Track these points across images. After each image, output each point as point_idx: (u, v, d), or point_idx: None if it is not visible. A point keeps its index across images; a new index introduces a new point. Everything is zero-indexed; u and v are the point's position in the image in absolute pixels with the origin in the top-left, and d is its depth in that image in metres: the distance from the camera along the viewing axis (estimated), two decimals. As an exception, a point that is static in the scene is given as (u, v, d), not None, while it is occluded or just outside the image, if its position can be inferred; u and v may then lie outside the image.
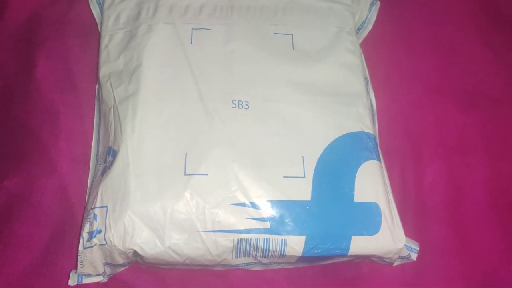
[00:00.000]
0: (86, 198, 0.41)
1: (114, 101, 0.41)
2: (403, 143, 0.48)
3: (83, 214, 0.40)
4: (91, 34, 0.50)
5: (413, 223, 0.44)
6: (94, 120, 0.45)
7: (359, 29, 0.51)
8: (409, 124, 0.49)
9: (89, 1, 0.49)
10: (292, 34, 0.45)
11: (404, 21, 0.54)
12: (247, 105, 0.40)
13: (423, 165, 0.47)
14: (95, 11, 0.49)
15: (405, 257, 0.39)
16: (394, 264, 0.40)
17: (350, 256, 0.37)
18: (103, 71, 0.43)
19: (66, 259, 0.41)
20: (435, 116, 0.49)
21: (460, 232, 0.45)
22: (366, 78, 0.46)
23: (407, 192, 0.46)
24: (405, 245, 0.38)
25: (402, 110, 0.49)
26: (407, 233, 0.39)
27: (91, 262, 0.36)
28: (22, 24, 0.51)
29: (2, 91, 0.47)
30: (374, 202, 0.38)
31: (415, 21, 0.54)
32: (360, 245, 0.37)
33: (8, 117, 0.46)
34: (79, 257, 0.37)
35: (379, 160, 0.41)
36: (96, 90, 0.46)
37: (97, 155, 0.43)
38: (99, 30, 0.47)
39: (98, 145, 0.43)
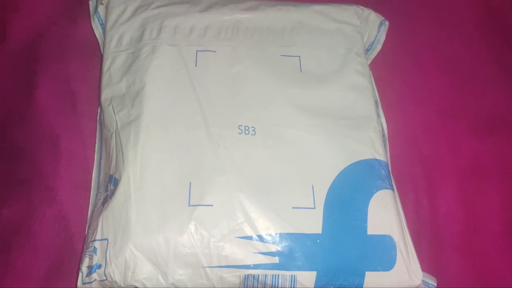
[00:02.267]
0: (86, 229, 0.39)
1: (116, 126, 0.39)
2: (415, 169, 0.46)
3: (83, 245, 0.38)
4: (93, 54, 0.49)
5: (428, 253, 0.42)
6: (96, 145, 0.44)
7: (368, 50, 0.49)
8: (421, 149, 0.47)
9: (92, 21, 0.48)
10: (299, 56, 0.43)
11: (414, 41, 0.53)
12: (253, 130, 0.39)
13: (437, 193, 0.45)
14: (98, 31, 0.48)
15: (422, 293, 0.37)
16: (410, 300, 0.38)
17: (364, 291, 0.36)
18: (105, 95, 0.42)
19: None
20: (448, 140, 0.48)
21: (476, 262, 0.43)
22: (376, 101, 0.45)
23: (421, 221, 0.44)
24: (422, 280, 0.36)
25: (414, 134, 0.48)
26: (422, 265, 0.37)
27: (90, 298, 0.35)
28: (24, 45, 0.50)
29: (3, 114, 0.46)
30: (388, 235, 0.36)
31: (425, 41, 0.53)
32: (375, 281, 0.35)
33: (6, 141, 0.45)
34: (77, 292, 0.35)
35: (392, 189, 0.39)
36: (98, 114, 0.45)
37: (98, 182, 0.42)
38: (102, 51, 0.46)
39: (99, 172, 0.42)
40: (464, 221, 0.44)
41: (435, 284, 0.38)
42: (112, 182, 0.37)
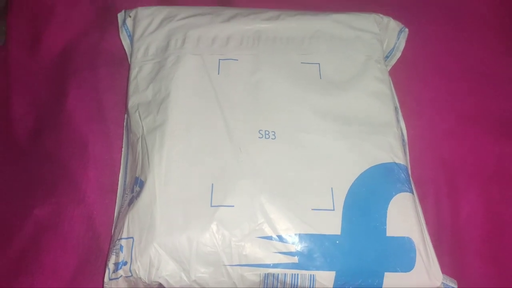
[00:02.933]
0: (113, 228, 0.41)
1: (143, 131, 0.41)
2: (436, 173, 0.46)
3: (109, 244, 0.40)
4: (121, 64, 0.51)
5: (449, 258, 0.42)
6: (122, 149, 0.45)
7: (387, 57, 0.50)
8: (442, 153, 0.47)
9: (120, 33, 0.50)
10: (319, 63, 0.44)
11: (434, 45, 0.53)
12: (273, 135, 0.40)
13: (459, 197, 0.45)
14: (125, 42, 0.50)
15: (443, 296, 0.37)
16: (431, 303, 0.38)
17: (383, 293, 0.36)
18: (132, 102, 0.43)
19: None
20: (469, 144, 0.48)
21: (500, 268, 0.43)
22: (396, 107, 0.45)
23: (442, 225, 0.44)
24: (442, 283, 0.36)
25: (435, 139, 0.48)
26: (443, 270, 0.37)
27: (116, 294, 0.36)
28: (56, 56, 0.52)
29: (35, 120, 0.49)
30: (407, 237, 0.36)
31: (445, 45, 0.53)
32: (394, 282, 0.35)
33: (39, 146, 0.47)
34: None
35: (412, 193, 0.39)
36: (125, 120, 0.47)
37: (124, 184, 0.43)
38: (129, 61, 0.48)
39: (125, 175, 0.43)
40: (487, 226, 0.44)
41: (456, 287, 0.37)
42: (138, 184, 0.39)
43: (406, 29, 0.51)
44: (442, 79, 0.51)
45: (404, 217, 0.37)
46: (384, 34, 0.50)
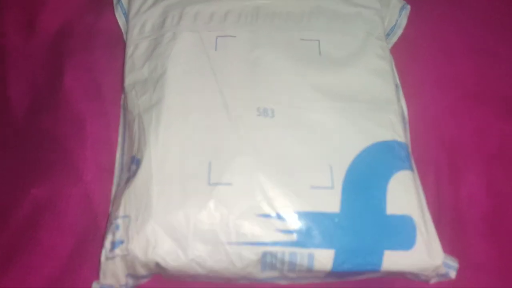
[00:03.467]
0: (110, 208, 0.40)
1: (139, 110, 0.40)
2: (437, 152, 0.45)
3: (106, 223, 0.39)
4: (117, 44, 0.50)
5: (450, 237, 0.41)
6: (119, 129, 0.45)
7: (388, 34, 0.49)
8: (444, 133, 0.46)
9: (115, 10, 0.50)
10: (318, 40, 0.43)
11: (437, 23, 0.52)
12: (272, 112, 0.39)
13: (460, 176, 0.44)
14: (121, 20, 0.49)
15: (443, 275, 0.37)
16: (431, 282, 0.38)
17: (383, 272, 0.35)
18: (128, 80, 0.43)
19: (89, 269, 0.40)
20: (472, 124, 0.47)
21: (501, 247, 0.42)
22: (396, 85, 0.44)
23: (442, 204, 0.43)
24: (443, 261, 0.35)
25: (437, 118, 0.47)
26: (444, 249, 0.36)
27: (113, 273, 0.36)
28: (52, 36, 0.52)
29: (32, 101, 0.48)
30: (407, 215, 0.36)
31: (449, 23, 0.52)
32: (394, 260, 0.35)
33: (36, 126, 0.46)
34: (101, 267, 0.36)
35: (412, 170, 0.39)
36: (122, 99, 0.46)
37: (121, 164, 0.42)
38: (125, 39, 0.47)
39: (123, 154, 0.43)
40: (488, 205, 0.43)
41: (456, 265, 0.37)
42: (134, 163, 0.38)
43: (408, 6, 0.49)
44: (445, 58, 0.50)
45: (404, 195, 0.37)
46: (386, 11, 0.49)
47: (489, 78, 0.49)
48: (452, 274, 0.37)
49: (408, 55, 0.49)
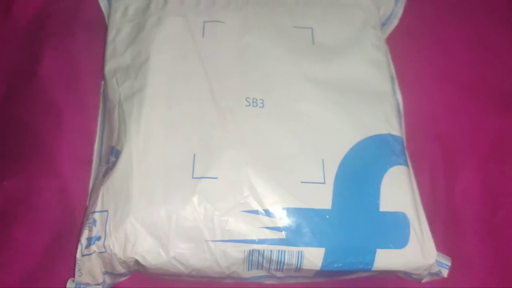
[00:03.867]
0: (87, 202, 0.38)
1: (120, 97, 0.38)
2: (433, 147, 0.44)
3: (83, 218, 0.37)
4: (98, 29, 0.47)
5: (443, 235, 0.40)
6: (99, 118, 0.43)
7: (384, 24, 0.47)
8: (439, 127, 0.45)
9: (98, -7, 0.47)
10: (312, 28, 0.41)
11: (433, 14, 0.50)
12: (262, 103, 0.37)
13: (455, 172, 0.43)
14: (103, 3, 0.47)
15: (435, 274, 0.36)
16: (423, 281, 0.36)
17: (374, 271, 0.34)
18: (109, 66, 0.41)
19: (65, 266, 0.38)
20: (468, 118, 0.46)
21: (495, 245, 0.41)
22: (392, 76, 0.43)
23: (437, 201, 0.42)
24: (436, 260, 0.34)
25: (432, 111, 0.46)
26: (437, 247, 0.35)
27: (89, 270, 0.34)
28: (29, 20, 0.49)
29: (6, 88, 0.46)
30: (401, 212, 0.35)
31: (445, 14, 0.50)
32: (386, 259, 0.33)
33: (10, 114, 0.44)
34: (77, 265, 0.34)
35: (407, 166, 0.37)
36: (102, 87, 0.44)
37: (100, 155, 0.41)
38: (106, 22, 0.44)
39: (101, 145, 0.41)
40: (483, 201, 0.42)
41: (449, 264, 0.36)
42: (114, 154, 0.36)
43: (404, -5, 0.48)
44: (441, 50, 0.49)
45: (399, 192, 0.35)
46: (381, 0, 0.47)
47: (486, 71, 0.48)
48: (445, 272, 0.36)
49: (403, 46, 0.47)
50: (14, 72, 0.46)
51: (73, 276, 0.35)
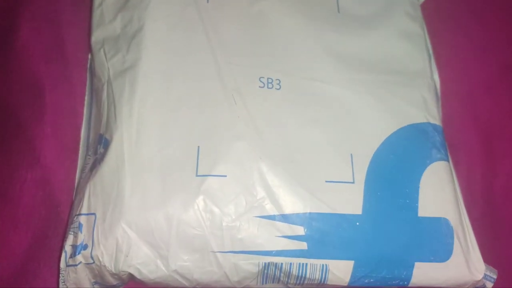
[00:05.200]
0: (73, 196, 0.34)
1: (109, 74, 0.34)
2: (470, 135, 0.41)
3: (68, 217, 0.33)
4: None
5: (481, 238, 0.36)
6: (86, 97, 0.39)
7: (417, -11, 0.42)
8: (478, 111, 0.42)
9: (83, -52, 0.42)
10: (336, -7, 0.37)
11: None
12: (278, 84, 0.33)
13: (495, 164, 0.40)
14: (89, -39, 0.41)
15: (479, 287, 0.32)
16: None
17: None
18: (96, 36, 0.36)
19: (49, 270, 0.35)
20: (510, 101, 0.42)
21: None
22: (429, 53, 0.39)
23: (474, 198, 0.38)
24: (484, 274, 0.31)
25: (469, 94, 0.42)
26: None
27: (76, 282, 0.30)
28: (6, -21, 0.44)
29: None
30: (444, 218, 0.31)
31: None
32: (426, 275, 0.30)
33: (-17, 92, 0.40)
34: (61, 275, 0.30)
35: (448, 161, 0.33)
36: (89, 60, 0.39)
37: (87, 142, 0.36)
38: (93, -17, 0.39)
39: (89, 130, 0.37)
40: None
41: (495, 277, 0.32)
42: (102, 144, 0.32)
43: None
44: (480, 24, 0.46)
45: (440, 193, 0.32)
46: (416, -40, 0.41)
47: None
48: (489, 285, 0.32)
49: (437, 18, 0.43)
50: None
51: (57, 285, 0.31)
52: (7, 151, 0.37)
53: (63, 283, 0.30)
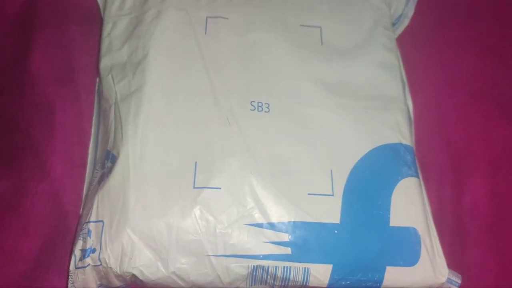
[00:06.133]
0: (81, 209, 0.37)
1: (116, 97, 0.36)
2: (441, 155, 0.43)
3: (77, 226, 0.35)
4: (94, 21, 0.45)
5: (450, 248, 0.39)
6: (93, 118, 0.41)
7: (394, 24, 0.45)
8: (448, 134, 0.44)
9: (93, -18, 0.45)
10: (320, 27, 0.40)
11: (444, 17, 0.49)
12: (267, 107, 0.35)
13: (463, 182, 0.42)
14: (99, -6, 0.44)
15: (445, 291, 0.34)
16: (430, 298, 0.35)
17: (382, 288, 0.33)
18: (105, 63, 0.38)
19: (57, 275, 0.37)
20: (478, 125, 0.45)
21: (504, 258, 0.40)
22: (403, 81, 0.41)
23: (443, 211, 0.41)
24: (447, 278, 0.33)
25: (441, 118, 0.45)
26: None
27: (83, 283, 0.32)
28: (20, 8, 0.47)
29: (-4, 83, 0.44)
30: (412, 227, 0.33)
31: (457, 18, 0.49)
32: (396, 277, 0.32)
33: (-1, 112, 0.42)
34: (70, 277, 0.32)
35: (418, 177, 0.36)
36: (97, 84, 0.42)
37: (94, 158, 0.39)
38: (102, 15, 0.42)
39: (96, 147, 0.39)
40: (492, 214, 0.41)
41: (459, 282, 0.35)
42: (109, 159, 0.34)
43: (416, -6, 0.46)
44: (452, 54, 0.48)
45: (410, 205, 0.34)
46: (393, -1, 0.45)
47: (498, 77, 0.47)
48: None
49: (413, 48, 0.46)
50: (3, 65, 0.44)
51: (67, 285, 0.33)
52: (20, 166, 0.40)
53: (71, 284, 0.32)
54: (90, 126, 0.40)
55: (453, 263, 0.36)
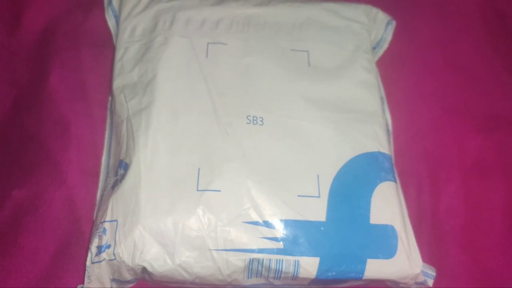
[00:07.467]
0: (95, 212, 0.40)
1: (128, 113, 0.40)
2: (419, 164, 0.47)
3: (91, 228, 0.39)
4: (105, 44, 0.49)
5: (428, 247, 0.43)
6: (106, 131, 0.44)
7: (374, 48, 0.50)
8: (425, 145, 0.48)
9: (105, 12, 0.49)
10: (308, 51, 0.44)
11: (420, 39, 0.54)
12: (261, 121, 0.39)
13: (440, 188, 0.46)
14: (111, 22, 0.49)
15: (421, 283, 0.38)
16: (410, 290, 0.39)
17: (365, 280, 0.36)
18: (117, 83, 0.42)
19: (71, 274, 0.40)
20: (452, 137, 0.48)
21: (477, 257, 0.44)
22: (382, 97, 0.46)
23: (422, 215, 0.45)
24: (421, 270, 0.37)
25: (419, 131, 0.48)
26: (423, 257, 0.38)
27: (98, 277, 0.35)
28: (38, 34, 0.51)
29: (15, 100, 0.47)
30: (390, 225, 0.37)
31: (431, 40, 0.54)
32: (376, 268, 0.36)
33: (19, 126, 0.45)
34: (86, 271, 0.35)
35: (395, 182, 0.40)
36: (109, 102, 0.46)
37: (107, 167, 0.42)
38: (114, 41, 0.46)
39: (109, 158, 0.43)
40: (466, 217, 0.45)
41: (434, 274, 0.38)
42: (122, 167, 0.38)
43: (394, 22, 0.51)
44: (428, 73, 0.52)
45: (387, 206, 0.38)
46: (373, 25, 0.50)
47: (469, 93, 0.51)
48: (430, 282, 0.38)
49: (393, 69, 0.50)
50: (22, 84, 0.48)
51: (79, 283, 0.37)
52: (38, 175, 0.42)
53: (88, 278, 0.35)
54: (103, 139, 0.44)
55: (430, 262, 0.40)
